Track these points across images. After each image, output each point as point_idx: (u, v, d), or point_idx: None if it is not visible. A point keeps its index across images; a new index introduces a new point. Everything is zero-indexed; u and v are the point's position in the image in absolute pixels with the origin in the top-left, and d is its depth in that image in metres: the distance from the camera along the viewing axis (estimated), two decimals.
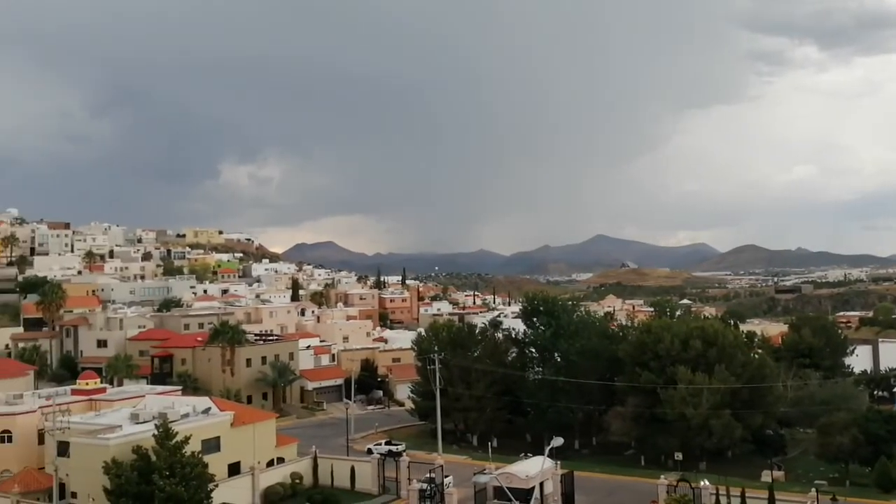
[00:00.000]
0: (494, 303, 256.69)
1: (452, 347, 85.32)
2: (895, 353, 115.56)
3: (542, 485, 49.81)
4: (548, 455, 48.12)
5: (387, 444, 72.56)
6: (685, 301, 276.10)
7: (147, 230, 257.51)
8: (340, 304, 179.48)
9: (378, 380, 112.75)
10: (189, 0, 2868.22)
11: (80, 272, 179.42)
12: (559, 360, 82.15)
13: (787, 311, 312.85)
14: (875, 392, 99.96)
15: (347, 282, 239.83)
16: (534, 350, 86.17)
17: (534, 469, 49.30)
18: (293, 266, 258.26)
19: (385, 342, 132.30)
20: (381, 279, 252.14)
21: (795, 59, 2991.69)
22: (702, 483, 50.58)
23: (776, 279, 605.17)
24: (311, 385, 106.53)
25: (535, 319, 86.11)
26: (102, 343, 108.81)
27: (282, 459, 59.60)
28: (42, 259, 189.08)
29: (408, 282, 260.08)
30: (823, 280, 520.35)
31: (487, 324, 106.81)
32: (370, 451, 67.94)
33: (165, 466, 43.69)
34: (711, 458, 70.34)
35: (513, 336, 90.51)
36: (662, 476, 54.23)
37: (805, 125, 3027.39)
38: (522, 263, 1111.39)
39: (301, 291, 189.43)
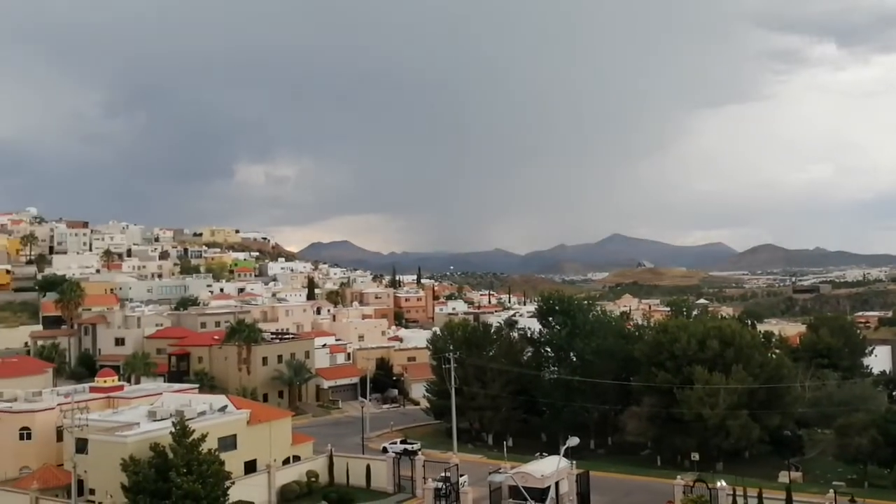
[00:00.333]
0: (510, 302, 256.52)
1: (468, 347, 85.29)
2: None
3: (558, 484, 49.71)
4: (563, 454, 48.01)
5: (402, 443, 72.63)
6: (702, 301, 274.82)
7: (164, 229, 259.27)
8: (356, 303, 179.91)
9: (393, 379, 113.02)
10: None
11: (99, 271, 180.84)
12: (575, 360, 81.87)
13: (805, 311, 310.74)
14: (894, 392, 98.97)
15: (363, 281, 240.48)
16: (549, 349, 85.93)
17: (549, 468, 49.17)
18: (309, 265, 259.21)
19: (400, 341, 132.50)
20: (397, 278, 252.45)
21: (812, 58, 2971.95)
22: (718, 484, 50.22)
23: (794, 279, 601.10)
24: (327, 384, 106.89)
25: (551, 319, 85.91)
26: (120, 341, 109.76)
27: (298, 458, 59.77)
28: (61, 258, 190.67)
29: (423, 281, 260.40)
30: (842, 280, 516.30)
31: (503, 323, 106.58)
32: (385, 450, 68.07)
33: (182, 464, 43.88)
34: (728, 459, 69.88)
35: (528, 335, 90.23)
36: (679, 476, 53.91)
37: (821, 124, 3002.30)
38: (538, 263, 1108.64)
39: (317, 290, 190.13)
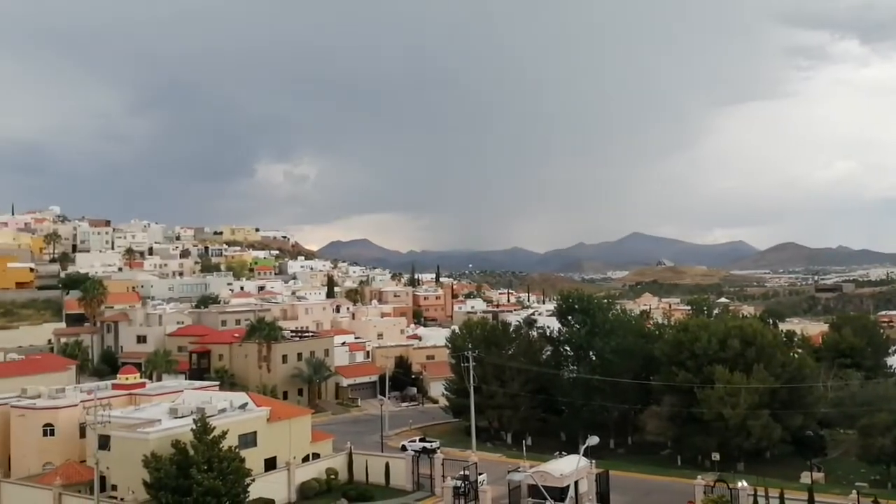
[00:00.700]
0: (529, 301, 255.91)
1: (486, 345, 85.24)
2: None
3: (577, 484, 49.52)
4: (583, 454, 47.77)
5: (421, 441, 72.64)
6: (723, 300, 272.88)
7: (185, 228, 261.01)
8: (375, 302, 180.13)
9: (412, 377, 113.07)
10: None
11: (121, 269, 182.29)
12: (594, 359, 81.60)
13: (828, 311, 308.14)
14: None
15: (382, 279, 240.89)
16: (568, 348, 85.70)
17: (568, 468, 49.00)
18: (328, 263, 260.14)
19: (419, 339, 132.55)
20: (415, 277, 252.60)
21: (835, 54, 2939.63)
22: (740, 484, 49.86)
23: (816, 278, 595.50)
24: (346, 381, 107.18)
25: (570, 317, 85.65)
26: (142, 339, 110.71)
27: (317, 455, 59.98)
28: (84, 256, 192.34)
29: (442, 279, 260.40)
30: (865, 279, 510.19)
31: (522, 322, 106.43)
32: (404, 448, 68.11)
33: (203, 461, 44.18)
34: (749, 459, 69.35)
35: (547, 334, 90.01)
36: (699, 476, 53.59)
37: (845, 120, 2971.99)
38: (557, 261, 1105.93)
39: (336, 288, 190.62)
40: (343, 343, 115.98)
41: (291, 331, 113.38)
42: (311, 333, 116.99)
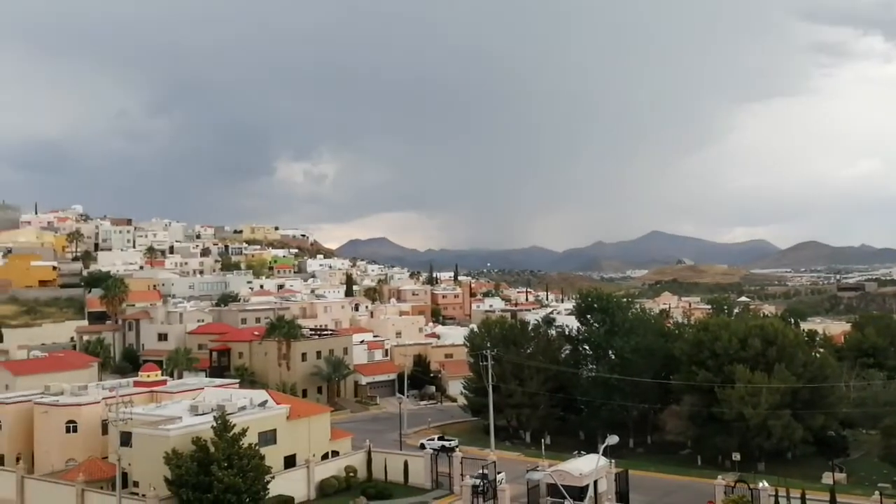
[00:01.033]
0: (547, 300, 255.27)
1: (505, 344, 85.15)
2: None
3: (596, 483, 49.39)
4: (602, 453, 47.62)
5: (440, 440, 72.71)
6: (743, 299, 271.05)
7: (205, 226, 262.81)
8: (393, 300, 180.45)
9: (430, 375, 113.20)
10: None
11: (142, 267, 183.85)
12: (613, 358, 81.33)
13: (850, 310, 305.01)
14: None
15: (400, 278, 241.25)
16: (587, 347, 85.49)
17: (587, 467, 48.85)
18: (347, 262, 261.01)
19: (437, 338, 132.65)
20: (434, 275, 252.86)
21: (858, 51, 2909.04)
22: (760, 484, 49.54)
23: (839, 276, 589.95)
24: (365, 380, 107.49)
25: (589, 316, 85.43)
26: (163, 336, 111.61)
27: (336, 453, 60.24)
28: (105, 254, 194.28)
29: (460, 278, 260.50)
30: (888, 277, 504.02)
31: (540, 321, 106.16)
32: (423, 447, 68.17)
33: (223, 458, 44.52)
34: (770, 459, 68.85)
35: (566, 333, 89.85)
36: (720, 476, 53.34)
37: (868, 118, 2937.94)
38: (576, 260, 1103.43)
39: (355, 287, 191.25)
40: (362, 341, 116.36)
41: (310, 329, 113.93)
42: (330, 332, 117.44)
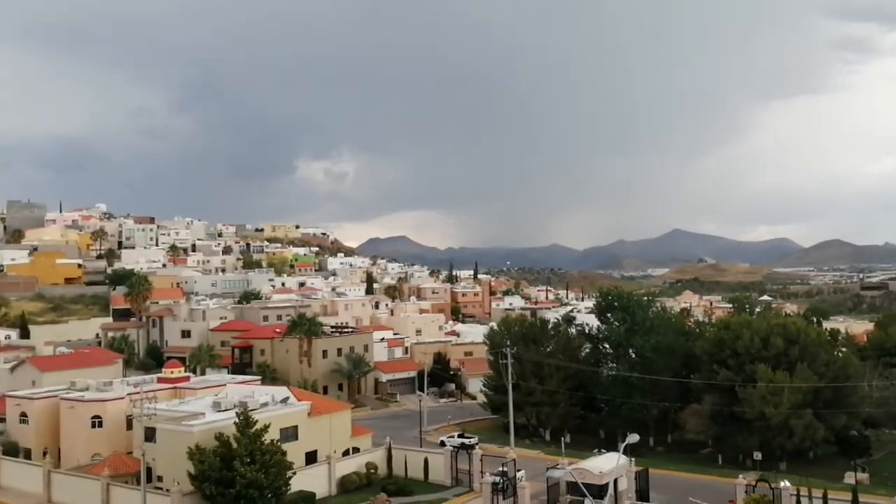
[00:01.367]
0: (567, 298, 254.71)
1: (525, 342, 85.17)
2: None
3: (616, 481, 49.40)
4: (622, 451, 47.63)
5: (459, 437, 72.86)
6: (765, 297, 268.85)
7: (227, 225, 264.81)
8: (413, 298, 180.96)
9: (450, 373, 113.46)
10: None
11: (165, 265, 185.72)
12: (633, 357, 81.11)
13: (874, 309, 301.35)
14: None
15: (420, 276, 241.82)
16: (608, 346, 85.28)
17: (608, 465, 48.87)
18: (367, 260, 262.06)
19: (457, 336, 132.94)
20: (454, 273, 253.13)
21: (884, 47, 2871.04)
22: (782, 484, 49.29)
23: (862, 275, 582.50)
24: (385, 377, 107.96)
25: (610, 315, 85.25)
26: (186, 333, 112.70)
27: (357, 449, 60.55)
28: (129, 252, 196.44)
29: (480, 276, 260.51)
30: None
31: (560, 319, 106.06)
32: (443, 444, 68.32)
33: (246, 453, 44.96)
34: (792, 459, 68.47)
35: (586, 332, 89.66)
36: (741, 476, 53.10)
37: (894, 114, 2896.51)
38: (596, 258, 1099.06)
39: (375, 285, 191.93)
40: (382, 339, 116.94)
41: (331, 326, 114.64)
42: (351, 329, 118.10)
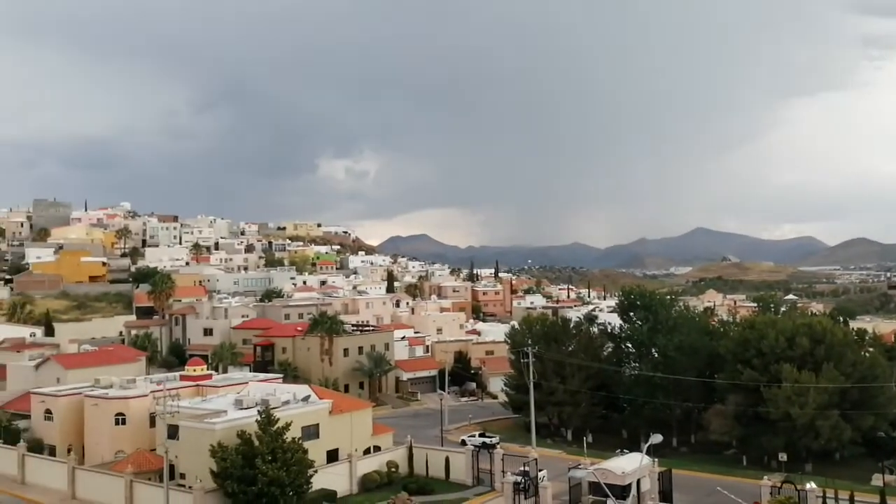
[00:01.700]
0: (589, 297, 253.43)
1: (546, 341, 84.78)
2: None
3: (639, 482, 48.97)
4: (645, 452, 47.19)
5: (481, 437, 72.72)
6: (791, 297, 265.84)
7: (249, 223, 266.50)
8: (434, 297, 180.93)
9: (471, 372, 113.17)
10: None
11: (188, 263, 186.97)
12: (656, 356, 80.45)
13: None
14: None
15: (441, 274, 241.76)
16: (630, 345, 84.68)
17: (630, 466, 48.45)
18: (388, 258, 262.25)
19: (478, 335, 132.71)
20: (474, 272, 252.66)
21: None
22: (807, 485, 48.66)
23: (889, 274, 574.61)
24: (406, 376, 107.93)
25: (632, 314, 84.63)
26: (208, 331, 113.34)
27: (378, 448, 60.57)
28: (153, 250, 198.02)
29: (501, 275, 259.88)
30: None
31: (582, 318, 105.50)
32: (464, 443, 68.26)
33: (267, 451, 45.11)
34: (818, 460, 67.62)
35: (608, 331, 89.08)
36: (766, 477, 52.54)
37: None
38: (618, 257, 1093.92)
39: (396, 283, 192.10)
40: (403, 337, 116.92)
41: (352, 325, 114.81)
42: (372, 327, 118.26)
